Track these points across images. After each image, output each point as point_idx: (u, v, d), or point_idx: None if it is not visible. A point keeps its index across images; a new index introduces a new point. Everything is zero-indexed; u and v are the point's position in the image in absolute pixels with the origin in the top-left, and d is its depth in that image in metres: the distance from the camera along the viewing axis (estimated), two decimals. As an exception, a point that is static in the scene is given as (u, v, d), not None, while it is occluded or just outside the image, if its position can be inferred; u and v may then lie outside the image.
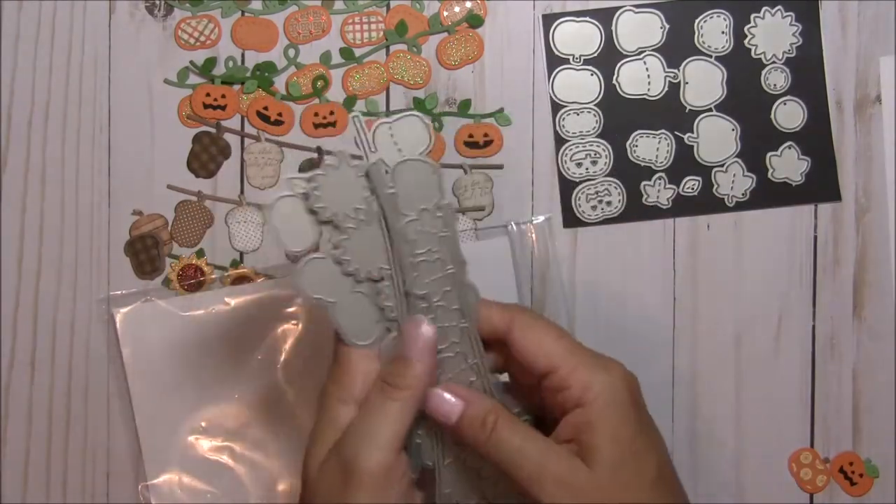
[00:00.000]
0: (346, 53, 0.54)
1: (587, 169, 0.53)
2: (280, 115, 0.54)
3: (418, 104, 0.54)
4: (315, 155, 0.54)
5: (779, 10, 0.53)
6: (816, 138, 0.53)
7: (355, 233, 0.40)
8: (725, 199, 0.53)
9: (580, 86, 0.53)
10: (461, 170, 0.54)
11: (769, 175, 0.53)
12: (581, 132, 0.53)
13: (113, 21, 0.54)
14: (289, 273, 0.54)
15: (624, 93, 0.53)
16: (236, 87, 0.54)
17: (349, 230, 0.40)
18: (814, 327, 0.54)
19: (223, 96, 0.54)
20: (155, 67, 0.54)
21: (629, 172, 0.53)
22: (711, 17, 0.53)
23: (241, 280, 0.54)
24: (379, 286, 0.41)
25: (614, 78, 0.53)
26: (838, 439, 0.53)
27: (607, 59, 0.53)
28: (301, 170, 0.54)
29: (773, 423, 0.53)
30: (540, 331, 0.41)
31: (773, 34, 0.53)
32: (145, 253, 0.54)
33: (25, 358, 0.54)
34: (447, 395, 0.40)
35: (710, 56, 0.53)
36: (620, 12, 0.53)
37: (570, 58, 0.53)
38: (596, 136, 0.53)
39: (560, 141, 0.53)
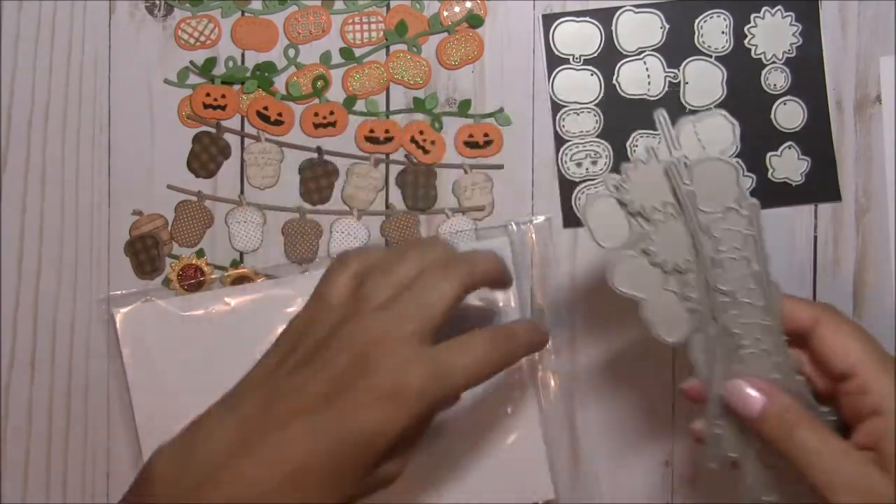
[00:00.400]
0: (346, 53, 0.54)
1: (587, 169, 0.53)
2: (280, 115, 0.54)
3: (418, 104, 0.54)
4: (315, 155, 0.54)
5: (779, 10, 0.53)
6: (816, 138, 0.53)
7: (663, 225, 0.41)
8: None
9: (580, 86, 0.53)
10: (461, 170, 0.54)
11: (769, 175, 0.53)
12: (581, 132, 0.53)
13: (113, 21, 0.54)
14: (289, 273, 0.54)
15: (624, 93, 0.53)
16: (236, 87, 0.54)
17: (657, 222, 0.41)
18: (814, 327, 0.54)
19: (223, 96, 0.54)
20: (155, 67, 0.54)
21: None
22: (711, 17, 0.53)
23: (241, 280, 0.54)
24: (685, 278, 0.41)
25: (614, 78, 0.53)
26: (838, 439, 0.53)
27: (607, 59, 0.53)
28: (301, 170, 0.54)
29: (773, 423, 0.53)
30: (844, 332, 0.40)
31: (773, 34, 0.53)
32: (145, 253, 0.54)
33: (25, 358, 0.54)
34: (749, 389, 0.41)
35: (710, 56, 0.53)
36: (620, 12, 0.53)
37: (570, 58, 0.53)
38: (596, 136, 0.53)
39: (560, 141, 0.53)
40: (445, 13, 0.54)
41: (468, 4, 0.54)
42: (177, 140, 0.54)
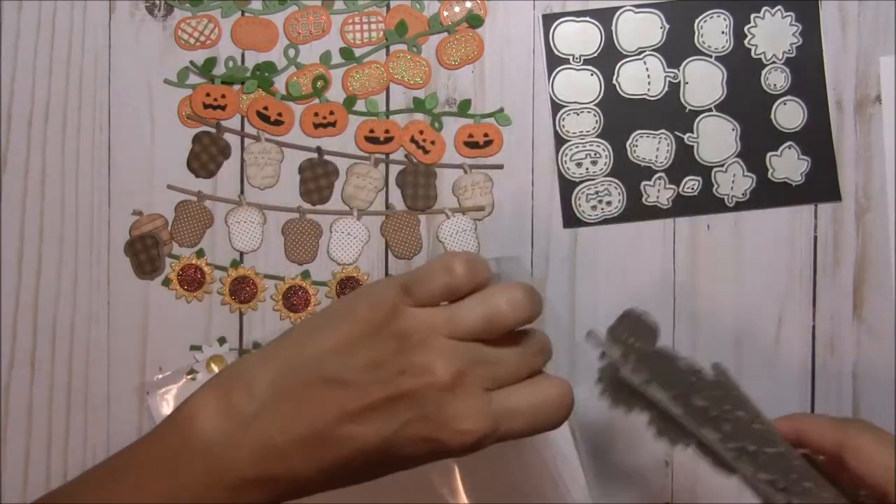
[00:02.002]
0: (346, 53, 0.54)
1: (587, 169, 0.53)
2: (280, 115, 0.54)
3: (418, 104, 0.54)
4: (315, 155, 0.54)
5: (779, 10, 0.53)
6: (816, 138, 0.53)
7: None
8: (725, 199, 0.53)
9: (580, 86, 0.53)
10: (461, 170, 0.54)
11: (769, 175, 0.53)
12: (581, 132, 0.53)
13: (113, 21, 0.54)
14: (290, 272, 0.54)
15: (624, 93, 0.53)
16: (236, 87, 0.54)
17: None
18: (814, 327, 0.54)
19: (223, 96, 0.54)
20: (155, 67, 0.54)
21: (629, 172, 0.53)
22: (711, 17, 0.53)
23: (241, 280, 0.54)
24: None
25: (614, 78, 0.53)
26: (838, 439, 0.53)
27: (607, 59, 0.53)
28: (301, 170, 0.54)
29: (773, 423, 0.53)
30: (874, 449, 0.40)
31: (773, 34, 0.53)
32: (145, 253, 0.54)
33: (25, 358, 0.54)
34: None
35: (710, 56, 0.53)
36: (620, 12, 0.53)
37: (570, 58, 0.53)
38: (596, 136, 0.53)
39: (560, 141, 0.53)
40: (445, 13, 0.54)
41: (468, 4, 0.54)
42: (177, 140, 0.54)
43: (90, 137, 0.54)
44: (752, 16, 0.53)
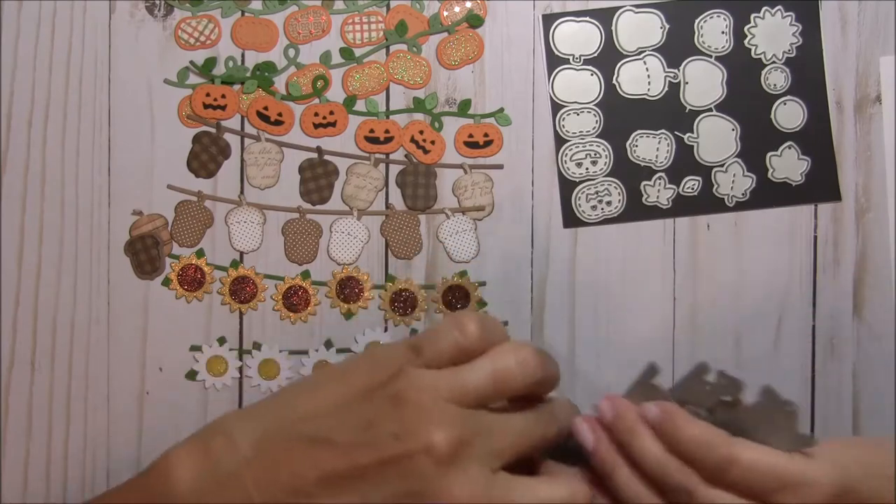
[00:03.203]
0: (346, 53, 0.54)
1: (587, 169, 0.53)
2: (280, 115, 0.54)
3: (418, 104, 0.54)
4: (315, 155, 0.54)
5: (779, 10, 0.53)
6: (816, 138, 0.53)
7: None
8: (725, 199, 0.53)
9: (580, 86, 0.53)
10: (461, 170, 0.54)
11: (769, 175, 0.53)
12: (581, 132, 0.53)
13: (113, 21, 0.54)
14: (290, 272, 0.54)
15: (624, 93, 0.53)
16: (236, 87, 0.54)
17: None
18: (814, 327, 0.54)
19: (223, 96, 0.54)
20: (155, 67, 0.54)
21: (629, 172, 0.53)
22: (711, 17, 0.53)
23: (241, 280, 0.54)
24: None
25: (614, 78, 0.53)
26: (838, 439, 0.53)
27: (607, 59, 0.53)
28: (301, 170, 0.54)
29: (773, 423, 0.53)
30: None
31: (773, 34, 0.53)
32: (145, 253, 0.54)
33: (25, 358, 0.54)
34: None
35: (710, 56, 0.53)
36: (620, 12, 0.53)
37: (570, 58, 0.53)
38: (596, 136, 0.53)
39: (560, 141, 0.53)
40: (445, 13, 0.54)
41: (468, 4, 0.54)
42: (177, 140, 0.54)
43: (90, 137, 0.54)
44: (752, 16, 0.53)
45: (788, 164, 0.53)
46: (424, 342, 0.38)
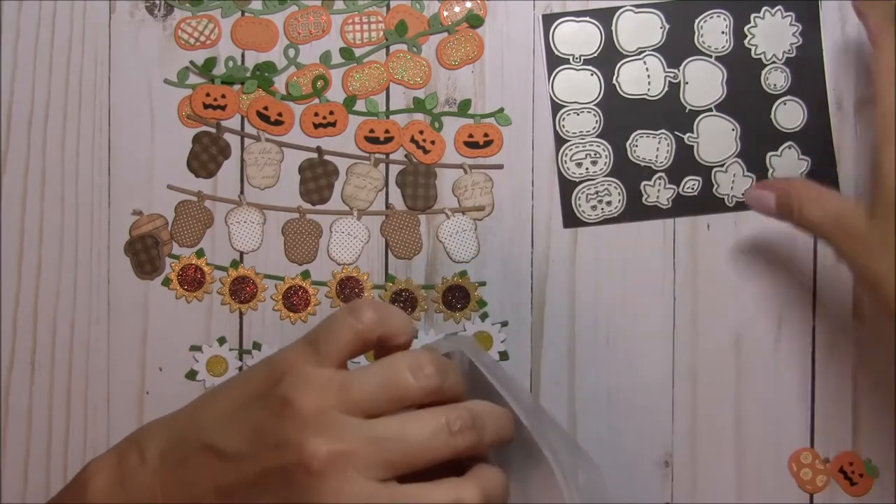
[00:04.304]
0: (346, 53, 0.54)
1: (587, 169, 0.53)
2: (280, 115, 0.54)
3: (418, 104, 0.54)
4: (315, 155, 0.54)
5: (779, 10, 0.53)
6: (817, 138, 0.53)
7: None
8: (725, 199, 0.53)
9: (580, 86, 0.53)
10: (461, 170, 0.54)
11: (770, 175, 0.53)
12: (581, 132, 0.53)
13: (113, 21, 0.54)
14: (290, 272, 0.54)
15: (624, 93, 0.53)
16: (236, 87, 0.54)
17: None
18: (814, 327, 0.54)
19: (223, 96, 0.54)
20: (155, 67, 0.54)
21: (629, 172, 0.53)
22: (711, 17, 0.53)
23: (241, 280, 0.54)
24: None
25: (614, 78, 0.53)
26: (838, 439, 0.53)
27: (607, 59, 0.53)
28: (301, 170, 0.54)
29: (773, 423, 0.53)
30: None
31: (773, 34, 0.53)
32: (145, 253, 0.54)
33: (25, 358, 0.54)
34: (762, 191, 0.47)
35: (710, 56, 0.53)
36: (620, 12, 0.53)
37: (571, 58, 0.53)
38: (596, 136, 0.53)
39: (560, 141, 0.53)
40: (445, 13, 0.54)
41: (468, 4, 0.54)
42: (177, 140, 0.54)
43: (90, 137, 0.54)
44: (752, 16, 0.53)
45: (789, 165, 0.53)
46: (320, 333, 0.36)
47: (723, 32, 0.53)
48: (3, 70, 0.54)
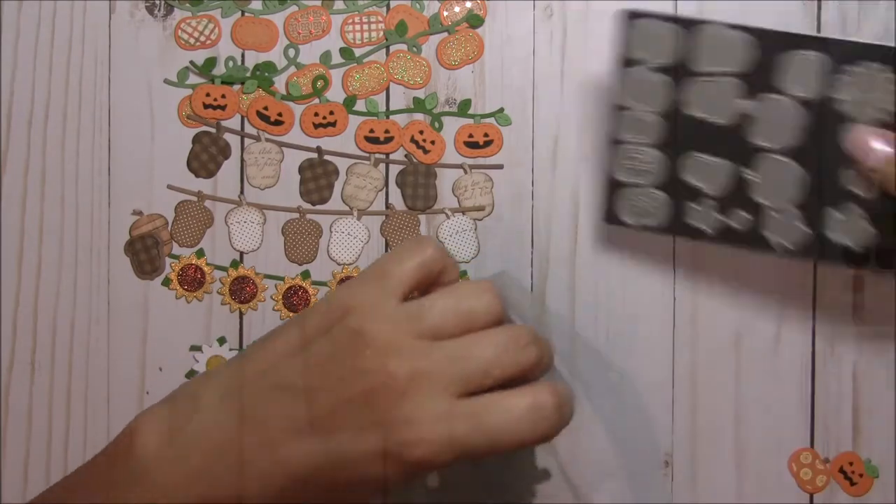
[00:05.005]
0: (346, 53, 0.54)
1: (637, 176, 0.51)
2: (280, 115, 0.54)
3: (418, 104, 0.54)
4: (315, 155, 0.54)
5: (876, 67, 0.48)
6: (883, 205, 0.48)
7: None
8: (773, 244, 0.50)
9: (648, 91, 0.50)
10: (461, 170, 0.54)
11: (826, 232, 0.49)
12: (639, 139, 0.50)
13: (113, 21, 0.54)
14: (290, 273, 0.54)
15: (691, 111, 0.50)
16: (236, 87, 0.54)
17: None
18: (814, 327, 0.54)
19: (223, 96, 0.54)
20: (155, 67, 0.54)
21: (679, 190, 0.50)
22: (803, 55, 0.48)
23: (241, 280, 0.54)
24: None
25: (685, 93, 0.50)
26: (838, 439, 0.53)
27: (683, 70, 0.49)
28: (301, 170, 0.54)
29: (773, 423, 0.53)
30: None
31: (864, 90, 0.48)
32: (145, 253, 0.54)
33: (25, 358, 0.54)
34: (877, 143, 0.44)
35: (793, 96, 0.49)
36: (707, 26, 0.49)
37: (644, 60, 0.50)
38: (653, 146, 0.50)
39: (616, 142, 0.51)
40: (445, 13, 0.54)
41: (468, 4, 0.54)
42: (177, 140, 0.54)
43: (90, 137, 0.54)
44: (846, 66, 0.48)
45: (849, 227, 0.49)
46: (387, 266, 0.37)
47: (811, 75, 0.48)
48: (3, 70, 0.54)
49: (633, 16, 0.50)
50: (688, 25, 0.49)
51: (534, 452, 0.53)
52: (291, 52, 0.54)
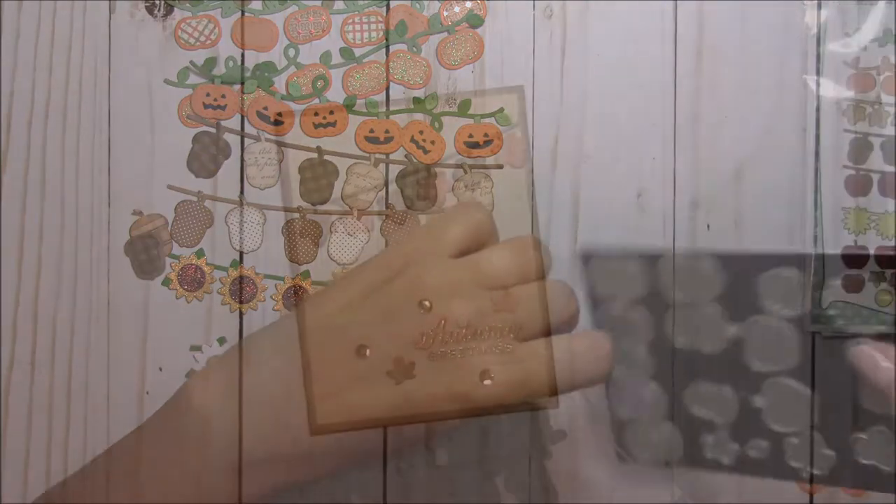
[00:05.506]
0: (346, 53, 0.54)
1: (638, 409, 0.49)
2: (280, 115, 0.54)
3: (418, 104, 0.54)
4: (315, 155, 0.54)
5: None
6: None
7: None
8: (800, 471, 0.48)
9: (625, 325, 0.48)
10: (461, 170, 0.54)
11: (854, 456, 0.47)
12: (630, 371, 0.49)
13: (113, 21, 0.54)
14: (289, 273, 0.54)
15: (676, 343, 0.48)
16: (236, 87, 0.54)
17: None
18: (814, 327, 0.54)
19: (223, 96, 0.54)
20: (155, 67, 0.54)
21: (687, 422, 0.49)
22: (776, 273, 0.46)
23: (241, 280, 0.54)
24: None
25: (664, 324, 0.48)
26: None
27: (656, 301, 0.48)
28: (301, 170, 0.54)
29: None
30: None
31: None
32: (145, 253, 0.54)
33: (25, 358, 0.54)
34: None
35: (779, 317, 0.47)
36: (665, 256, 0.48)
37: (614, 297, 0.49)
38: (650, 378, 0.49)
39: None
40: (445, 13, 0.54)
41: (468, 4, 0.54)
42: (177, 140, 0.54)
43: (90, 137, 0.54)
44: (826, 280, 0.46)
45: (878, 449, 0.46)
46: (446, 224, 0.39)
47: (795, 290, 0.46)
48: (3, 70, 0.54)
49: (587, 255, 0.50)
50: (648, 259, 0.48)
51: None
52: (291, 52, 0.54)
